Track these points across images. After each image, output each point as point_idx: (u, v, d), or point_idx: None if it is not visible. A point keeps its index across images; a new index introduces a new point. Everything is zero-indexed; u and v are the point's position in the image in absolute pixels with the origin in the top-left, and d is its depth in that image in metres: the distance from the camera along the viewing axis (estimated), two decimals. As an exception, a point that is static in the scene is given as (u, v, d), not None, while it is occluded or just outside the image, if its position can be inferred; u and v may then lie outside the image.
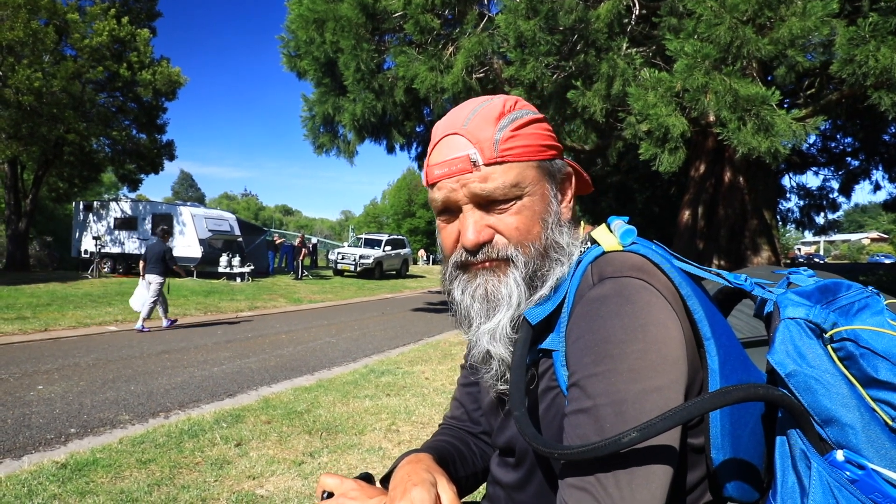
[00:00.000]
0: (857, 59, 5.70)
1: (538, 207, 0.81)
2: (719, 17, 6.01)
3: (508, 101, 0.84)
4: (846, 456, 0.61)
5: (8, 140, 16.52)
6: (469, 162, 0.79)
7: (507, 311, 0.80)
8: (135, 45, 19.31)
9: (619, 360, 0.67)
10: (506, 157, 0.79)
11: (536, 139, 0.82)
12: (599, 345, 0.69)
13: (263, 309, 13.19)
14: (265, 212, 77.05)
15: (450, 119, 0.84)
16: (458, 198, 0.81)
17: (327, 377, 6.44)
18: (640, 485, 0.63)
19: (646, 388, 0.66)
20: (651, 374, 0.66)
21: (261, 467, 3.70)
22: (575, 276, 0.79)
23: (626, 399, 0.65)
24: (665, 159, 6.87)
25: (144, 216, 20.31)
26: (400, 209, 53.40)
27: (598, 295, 0.72)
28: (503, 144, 0.79)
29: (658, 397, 0.65)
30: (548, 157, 0.83)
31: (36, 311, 10.24)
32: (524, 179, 0.80)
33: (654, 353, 0.67)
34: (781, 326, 0.69)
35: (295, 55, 11.56)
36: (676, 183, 15.74)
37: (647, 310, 0.70)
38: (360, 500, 0.80)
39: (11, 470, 3.60)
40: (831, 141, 17.01)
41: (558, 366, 0.76)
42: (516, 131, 0.80)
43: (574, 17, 7.17)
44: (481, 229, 0.80)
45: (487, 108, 0.82)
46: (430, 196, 0.85)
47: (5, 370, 6.24)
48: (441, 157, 0.82)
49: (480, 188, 0.78)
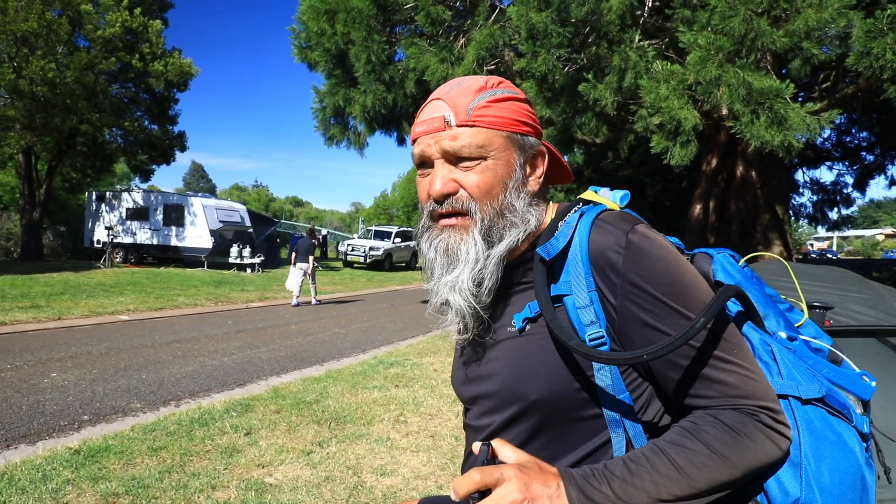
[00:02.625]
0: (875, 51, 5.61)
1: (501, 171, 0.90)
2: (734, 8, 5.93)
3: (492, 80, 0.94)
4: (787, 333, 0.91)
5: (22, 131, 16.67)
6: (444, 122, 0.89)
7: (465, 266, 0.90)
8: (147, 36, 19.36)
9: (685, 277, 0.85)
10: (476, 122, 0.89)
11: (510, 113, 0.91)
12: (666, 273, 0.83)
13: (273, 299, 13.27)
14: (276, 203, 77.20)
15: (440, 88, 0.95)
16: (431, 153, 0.91)
17: (336, 368, 6.48)
18: (738, 342, 0.84)
19: (707, 292, 0.85)
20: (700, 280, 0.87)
21: (270, 456, 3.74)
22: (582, 225, 0.89)
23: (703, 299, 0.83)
24: (677, 153, 6.81)
25: (156, 207, 20.44)
26: (410, 201, 53.34)
27: (639, 239, 0.85)
28: (476, 112, 0.89)
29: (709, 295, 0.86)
30: (520, 131, 0.92)
31: (50, 299, 10.37)
32: (490, 144, 0.89)
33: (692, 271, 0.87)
34: (717, 258, 0.98)
35: (306, 46, 11.56)
36: (688, 177, 15.60)
37: (672, 248, 0.88)
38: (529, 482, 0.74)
39: (26, 455, 3.66)
40: (846, 135, 16.78)
41: (571, 308, 0.87)
42: (491, 103, 0.90)
43: (586, 8, 7.11)
44: (447, 181, 0.90)
45: (472, 82, 0.93)
46: (412, 151, 0.96)
47: (20, 357, 6.33)
48: (423, 117, 0.93)
49: (449, 144, 0.89)
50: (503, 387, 0.92)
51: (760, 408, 0.79)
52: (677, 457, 0.77)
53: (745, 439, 0.78)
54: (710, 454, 0.77)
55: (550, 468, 0.78)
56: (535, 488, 0.73)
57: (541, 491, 0.73)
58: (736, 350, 0.82)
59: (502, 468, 0.74)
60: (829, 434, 0.81)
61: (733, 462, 0.77)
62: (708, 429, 0.79)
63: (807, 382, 0.83)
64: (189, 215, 19.59)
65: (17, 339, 7.32)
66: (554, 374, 0.87)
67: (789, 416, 0.82)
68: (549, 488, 0.73)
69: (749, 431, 0.78)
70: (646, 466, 0.77)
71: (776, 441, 0.79)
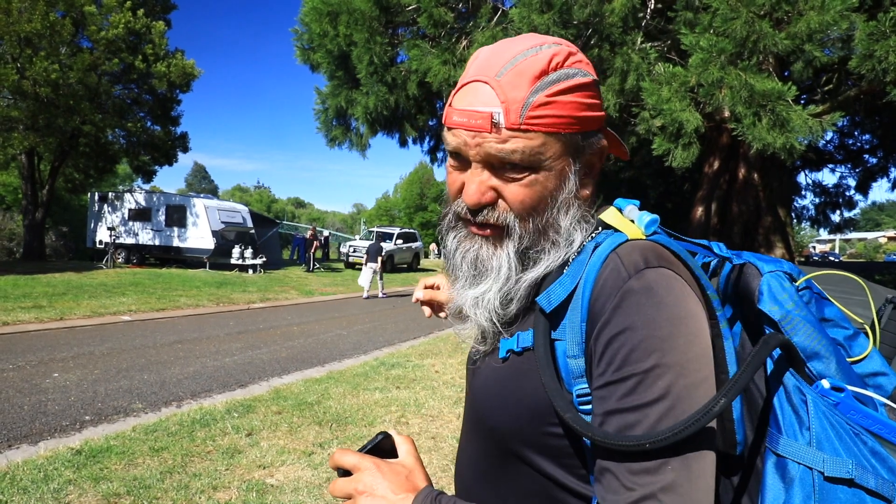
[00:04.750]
0: (877, 54, 5.60)
1: (551, 185, 0.76)
2: (736, 11, 5.93)
3: (557, 56, 0.74)
4: (831, 383, 0.68)
5: (25, 131, 16.71)
6: (490, 121, 0.72)
7: (494, 283, 0.79)
8: (150, 37, 19.41)
9: (666, 355, 0.65)
10: (532, 126, 0.72)
11: (573, 109, 0.74)
12: (645, 340, 0.66)
13: (275, 301, 13.28)
14: (277, 204, 77.33)
15: (488, 59, 0.76)
16: (470, 154, 0.75)
17: (338, 369, 6.48)
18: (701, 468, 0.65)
19: (693, 381, 0.66)
20: (696, 366, 0.66)
21: (271, 457, 3.74)
22: (592, 262, 0.73)
23: (679, 396, 0.65)
24: (679, 155, 6.81)
25: (158, 207, 20.47)
26: (412, 203, 53.40)
27: (639, 287, 0.68)
28: (533, 111, 0.72)
29: (704, 389, 0.66)
30: (581, 129, 0.76)
31: (52, 299, 10.39)
32: (545, 152, 0.74)
33: (696, 347, 0.67)
34: (767, 278, 0.74)
35: (308, 48, 11.57)
36: (690, 179, 15.59)
37: (684, 302, 0.69)
38: (381, 481, 0.75)
39: (28, 455, 3.67)
40: (849, 138, 16.75)
41: (560, 355, 0.74)
42: (553, 97, 0.72)
43: (588, 11, 7.11)
44: (485, 191, 0.76)
45: (530, 61, 0.73)
46: (444, 135, 0.80)
47: (22, 357, 6.34)
48: (463, 103, 0.75)
49: (497, 149, 0.73)
50: (475, 405, 0.87)
51: None
52: None
53: None
54: None
55: (419, 482, 0.77)
56: (380, 487, 0.74)
57: (384, 492, 0.73)
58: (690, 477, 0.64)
59: (363, 459, 0.76)
60: None
61: None
62: None
63: (840, 455, 0.65)
64: (191, 216, 19.62)
65: (19, 339, 7.34)
66: (520, 411, 0.77)
67: (805, 491, 0.65)
68: (395, 495, 0.73)
69: None
70: None
71: None
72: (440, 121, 13.83)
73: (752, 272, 0.77)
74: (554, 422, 0.74)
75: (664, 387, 0.65)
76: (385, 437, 0.84)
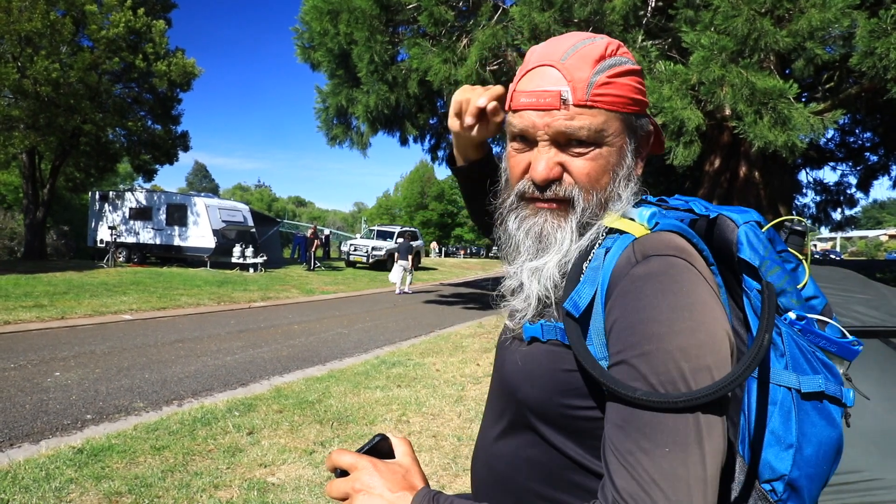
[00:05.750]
0: (878, 51, 5.59)
1: (613, 159, 0.82)
2: (737, 8, 5.93)
3: (611, 45, 0.83)
4: (796, 313, 0.81)
5: (26, 130, 16.71)
6: (559, 99, 0.78)
7: (556, 255, 0.82)
8: (150, 36, 19.40)
9: (668, 339, 0.67)
10: (596, 103, 0.78)
11: (629, 91, 0.81)
12: (647, 323, 0.69)
13: (276, 299, 13.29)
14: (278, 203, 77.35)
15: (548, 48, 0.84)
16: (538, 132, 0.81)
17: (339, 368, 6.48)
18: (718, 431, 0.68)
19: (696, 366, 0.67)
20: (700, 353, 0.67)
21: (272, 455, 3.75)
22: (607, 263, 0.77)
23: (678, 378, 0.66)
24: (680, 153, 6.80)
25: (159, 206, 20.48)
26: (412, 201, 53.42)
27: (643, 273, 0.72)
28: (597, 89, 0.78)
29: (708, 376, 0.67)
30: (635, 111, 0.83)
31: (53, 299, 10.40)
32: (608, 128, 0.80)
33: (702, 333, 0.68)
34: (743, 229, 0.82)
35: (309, 46, 11.57)
36: (691, 177, 15.57)
37: (693, 290, 0.71)
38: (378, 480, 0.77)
39: (30, 454, 3.67)
40: (850, 135, 16.72)
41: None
42: (613, 78, 0.80)
43: (589, 9, 7.11)
44: (553, 166, 0.81)
45: (589, 48, 0.81)
46: (509, 120, 0.85)
47: (24, 357, 6.35)
48: (532, 85, 0.81)
49: (566, 125, 0.78)
50: (504, 378, 0.90)
51: None
52: None
53: None
54: None
55: (417, 482, 0.79)
56: (377, 485, 0.76)
57: (381, 490, 0.76)
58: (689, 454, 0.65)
59: (360, 459, 0.79)
60: (822, 419, 0.78)
61: None
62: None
63: (811, 373, 0.78)
64: (192, 215, 19.63)
65: (20, 339, 7.34)
66: (548, 382, 0.80)
67: (788, 407, 0.77)
68: (392, 493, 0.75)
69: None
70: None
71: None
72: (441, 119, 13.87)
73: (727, 224, 0.84)
74: (577, 399, 0.77)
75: (654, 369, 0.67)
76: (382, 439, 0.86)
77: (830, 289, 2.20)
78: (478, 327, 9.97)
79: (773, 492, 0.77)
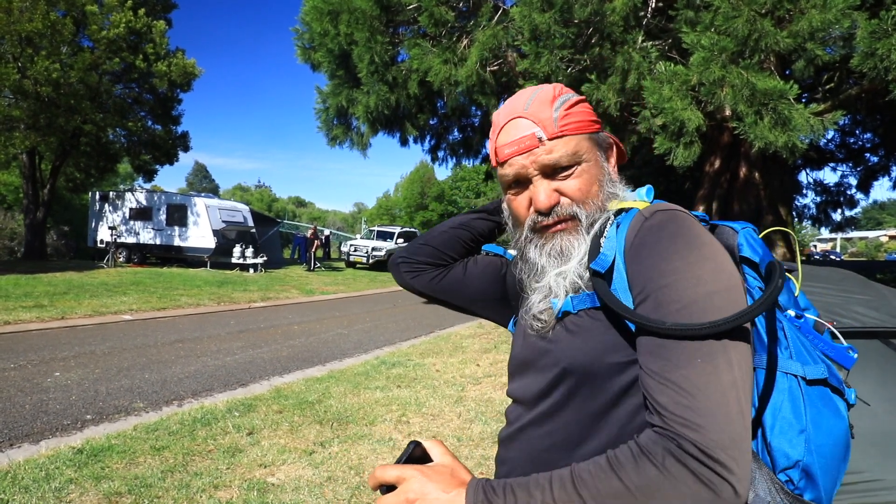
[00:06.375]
0: (879, 52, 5.59)
1: (594, 171, 0.96)
2: (737, 9, 5.92)
3: (557, 87, 0.99)
4: (795, 312, 0.93)
5: (26, 131, 16.70)
6: (535, 139, 0.94)
7: (576, 259, 0.94)
8: (151, 36, 19.39)
9: (683, 272, 0.79)
10: (565, 132, 0.94)
11: (584, 115, 0.97)
12: (663, 262, 0.81)
13: (276, 300, 13.29)
14: (278, 203, 77.27)
15: (510, 106, 1.00)
16: (529, 171, 0.95)
17: (339, 368, 6.48)
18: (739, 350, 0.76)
19: (711, 290, 0.78)
20: (713, 278, 0.79)
21: (272, 456, 3.75)
22: (620, 231, 0.89)
23: (696, 300, 0.77)
24: (680, 154, 6.79)
25: (159, 207, 20.48)
26: (413, 202, 53.40)
27: (653, 224, 0.85)
28: (561, 121, 0.94)
29: (725, 297, 0.78)
30: (595, 130, 0.98)
31: (53, 299, 10.40)
32: (581, 149, 0.94)
33: (712, 262, 0.80)
34: (742, 233, 0.94)
35: (309, 47, 11.56)
36: (691, 178, 15.56)
37: (700, 232, 0.84)
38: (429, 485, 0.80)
39: (30, 454, 3.67)
40: (850, 136, 16.72)
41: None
42: (568, 110, 0.95)
43: (589, 9, 7.10)
44: (551, 193, 0.94)
45: (541, 94, 0.97)
46: (501, 172, 0.99)
47: (24, 357, 6.35)
48: (510, 137, 0.96)
49: (548, 158, 0.93)
50: (540, 360, 0.97)
51: (687, 438, 0.70)
52: (581, 474, 0.75)
53: (651, 467, 0.71)
54: (612, 477, 0.72)
55: (465, 476, 0.83)
56: (431, 490, 0.78)
57: (436, 494, 0.78)
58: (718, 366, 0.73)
59: (406, 469, 0.81)
60: (829, 408, 0.85)
61: (633, 491, 0.71)
62: (621, 447, 0.76)
63: (812, 363, 0.86)
64: (192, 215, 19.63)
65: (20, 339, 7.34)
66: (592, 344, 0.88)
67: (796, 394, 0.84)
68: (446, 493, 0.78)
69: (659, 459, 0.71)
70: (546, 480, 0.77)
71: (711, 484, 0.69)
72: (441, 120, 13.86)
73: (727, 231, 0.96)
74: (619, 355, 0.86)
75: (675, 297, 0.78)
76: (416, 446, 0.88)
77: (830, 290, 2.20)
78: (478, 328, 9.97)
79: (790, 482, 0.83)
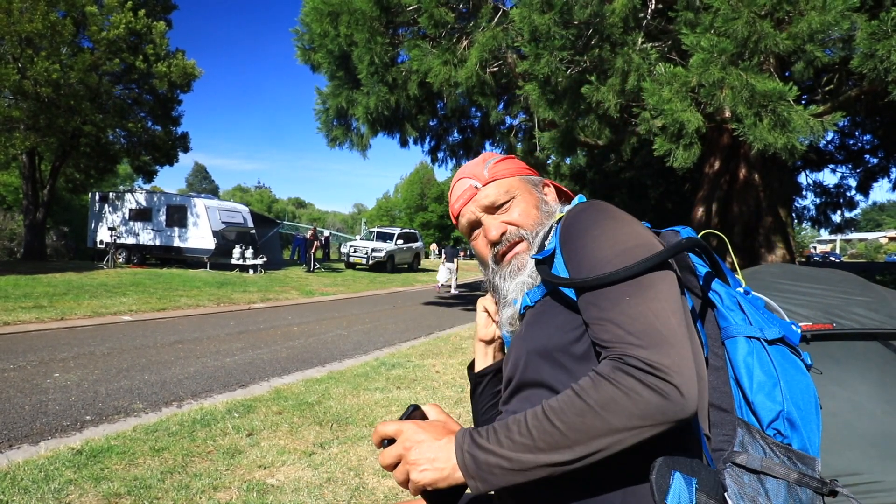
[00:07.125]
0: (879, 53, 5.59)
1: (529, 199, 1.18)
2: (737, 11, 5.93)
3: (487, 154, 1.27)
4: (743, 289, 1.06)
5: (26, 131, 16.71)
6: (473, 188, 1.19)
7: (529, 268, 1.11)
8: (151, 37, 19.41)
9: (602, 237, 0.94)
10: (494, 177, 1.19)
11: (513, 165, 1.23)
12: (587, 233, 0.96)
13: (276, 301, 13.28)
14: (278, 204, 77.27)
15: (458, 174, 1.25)
16: (476, 215, 1.18)
17: (338, 369, 6.48)
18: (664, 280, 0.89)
19: (630, 245, 0.92)
20: (631, 238, 0.94)
21: (272, 457, 3.74)
22: (556, 229, 1.05)
23: (617, 255, 0.91)
24: (679, 155, 6.80)
25: (159, 207, 20.47)
26: (412, 203, 53.42)
27: (578, 210, 1.03)
28: (491, 171, 1.20)
29: (644, 249, 0.92)
30: (525, 174, 1.22)
31: (52, 299, 10.39)
32: (511, 188, 1.18)
33: (629, 227, 0.97)
34: (684, 233, 1.09)
35: (309, 48, 11.57)
36: (690, 179, 15.58)
37: (617, 212, 1.00)
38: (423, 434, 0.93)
39: (29, 455, 3.66)
40: (849, 138, 16.74)
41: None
42: (497, 164, 1.22)
43: (589, 11, 7.11)
44: (498, 225, 1.15)
45: (476, 161, 1.25)
46: (459, 224, 1.23)
47: (23, 357, 6.34)
48: (456, 194, 1.23)
49: (486, 199, 1.18)
50: (513, 355, 1.09)
51: (630, 355, 0.80)
52: (550, 403, 0.84)
53: (606, 384, 0.80)
54: (575, 399, 0.82)
55: (454, 428, 0.98)
56: (424, 438, 0.91)
57: (429, 441, 0.91)
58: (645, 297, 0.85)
59: (403, 423, 0.96)
60: (792, 364, 0.95)
61: (594, 408, 0.79)
62: (582, 378, 0.85)
63: (769, 326, 0.98)
64: (192, 216, 19.62)
65: (20, 339, 7.34)
66: (550, 326, 0.99)
67: (760, 354, 0.95)
68: (438, 440, 0.91)
69: (612, 376, 0.81)
70: (522, 415, 0.86)
71: (658, 389, 0.77)
72: (441, 121, 13.89)
73: (671, 234, 1.11)
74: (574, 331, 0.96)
75: (604, 255, 0.91)
76: (416, 409, 1.04)
77: (830, 291, 2.19)
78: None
79: (778, 433, 0.91)
